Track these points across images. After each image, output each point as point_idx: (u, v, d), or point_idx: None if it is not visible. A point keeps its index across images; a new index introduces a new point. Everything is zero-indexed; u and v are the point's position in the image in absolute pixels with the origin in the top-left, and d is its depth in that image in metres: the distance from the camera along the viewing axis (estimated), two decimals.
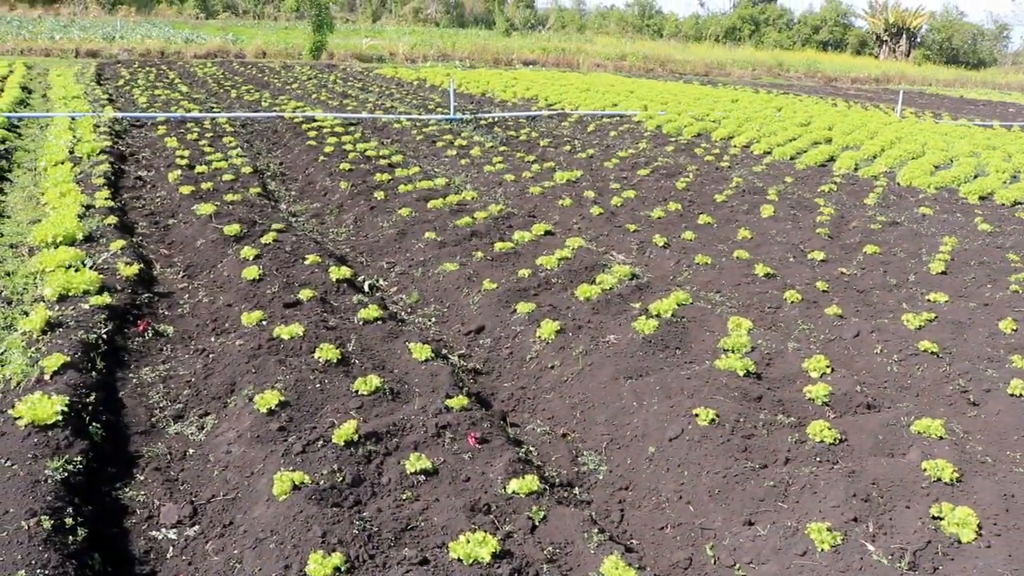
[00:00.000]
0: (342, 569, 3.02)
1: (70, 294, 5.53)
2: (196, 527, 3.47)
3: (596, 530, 3.40)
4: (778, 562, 3.33)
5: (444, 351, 5.42)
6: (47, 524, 3.08)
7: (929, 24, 62.35)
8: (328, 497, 3.45)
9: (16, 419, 3.78)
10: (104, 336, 4.97)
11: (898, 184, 12.27)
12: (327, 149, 11.89)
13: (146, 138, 12.64)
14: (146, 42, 32.57)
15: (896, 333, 5.83)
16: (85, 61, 27.52)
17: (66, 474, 3.49)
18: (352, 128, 14.36)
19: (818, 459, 4.00)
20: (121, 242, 6.76)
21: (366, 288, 6.51)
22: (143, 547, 3.36)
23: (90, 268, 6.07)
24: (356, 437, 3.89)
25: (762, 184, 11.53)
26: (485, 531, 3.28)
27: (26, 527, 3.03)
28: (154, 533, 3.44)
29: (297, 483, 3.47)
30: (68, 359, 4.45)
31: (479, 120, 16.86)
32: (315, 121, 14.62)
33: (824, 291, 6.82)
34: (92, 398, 4.19)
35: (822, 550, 3.31)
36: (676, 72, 39.73)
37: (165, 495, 3.68)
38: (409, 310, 6.31)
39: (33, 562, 2.88)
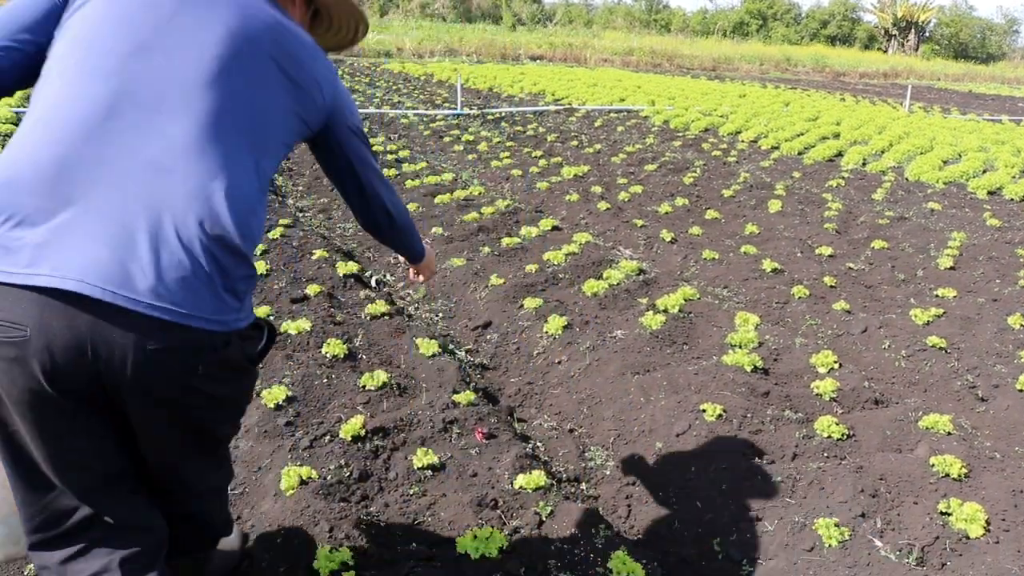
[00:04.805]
0: (349, 564, 3.03)
1: None
2: None
3: (603, 525, 3.40)
4: (785, 558, 3.32)
5: (451, 346, 5.43)
6: None
7: (938, 18, 62.09)
8: (335, 492, 3.46)
9: None
10: None
11: (906, 179, 12.22)
12: None
13: None
14: None
15: (904, 328, 5.81)
16: None
17: None
18: None
19: (825, 455, 3.99)
20: None
21: (373, 283, 6.52)
22: None
23: None
24: (363, 432, 3.90)
25: (770, 179, 11.50)
26: (492, 526, 3.28)
27: None
28: None
29: (304, 478, 3.48)
30: None
31: (486, 115, 16.84)
32: None
33: (832, 286, 6.80)
34: None
35: (829, 545, 3.31)
36: (683, 67, 39.62)
37: None
38: (416, 305, 6.31)
39: None
